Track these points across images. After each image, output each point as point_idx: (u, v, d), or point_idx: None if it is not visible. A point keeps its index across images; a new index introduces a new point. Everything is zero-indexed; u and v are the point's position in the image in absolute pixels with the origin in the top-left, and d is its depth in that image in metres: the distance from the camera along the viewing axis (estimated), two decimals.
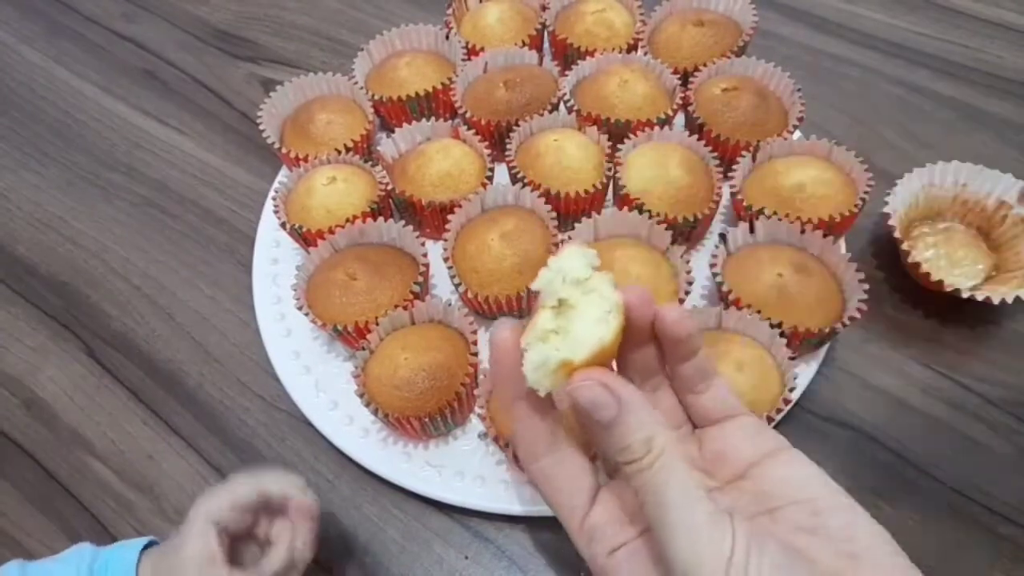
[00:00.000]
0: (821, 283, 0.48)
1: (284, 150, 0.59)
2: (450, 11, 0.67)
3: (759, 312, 0.46)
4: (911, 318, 0.53)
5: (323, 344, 0.53)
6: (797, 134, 0.57)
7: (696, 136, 0.56)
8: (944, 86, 0.67)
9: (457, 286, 0.51)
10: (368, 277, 0.50)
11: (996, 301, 0.48)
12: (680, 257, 0.50)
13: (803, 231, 0.49)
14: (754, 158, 0.54)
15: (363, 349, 0.47)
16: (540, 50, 0.66)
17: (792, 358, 0.44)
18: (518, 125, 0.57)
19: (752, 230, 0.51)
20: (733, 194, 0.54)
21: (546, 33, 0.67)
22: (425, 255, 0.52)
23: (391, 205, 0.58)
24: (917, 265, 0.50)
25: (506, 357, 0.28)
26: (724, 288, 0.48)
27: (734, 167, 0.54)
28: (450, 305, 0.49)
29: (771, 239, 0.51)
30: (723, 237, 0.50)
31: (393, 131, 0.59)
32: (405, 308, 0.49)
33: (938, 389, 0.50)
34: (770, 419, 0.43)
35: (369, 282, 0.49)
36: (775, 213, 0.51)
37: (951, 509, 0.45)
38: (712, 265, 0.49)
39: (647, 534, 0.28)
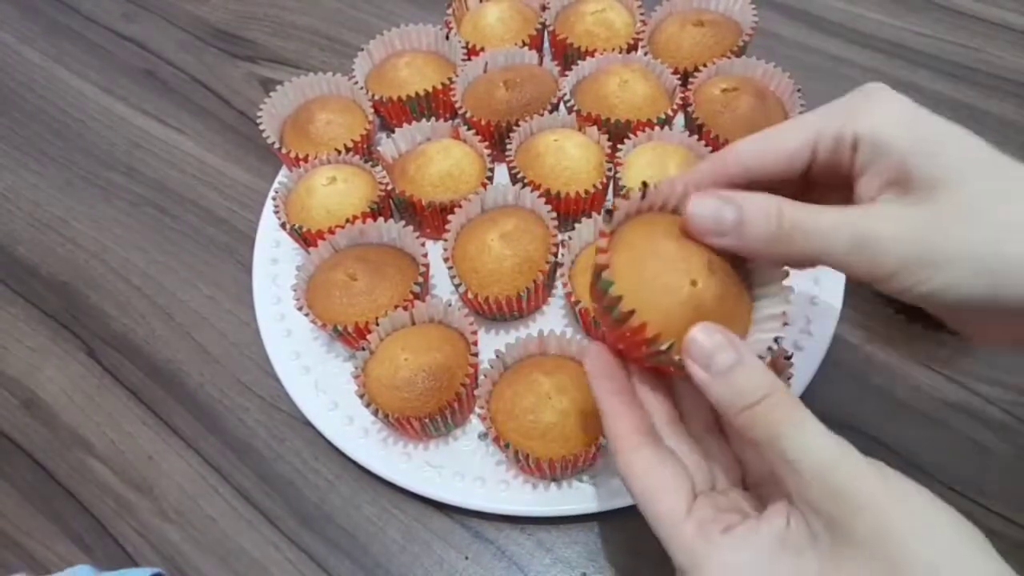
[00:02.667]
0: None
1: (284, 150, 0.59)
2: (450, 11, 0.67)
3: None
4: (912, 318, 0.53)
5: (323, 344, 0.53)
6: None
7: (696, 136, 0.56)
8: (944, 86, 0.67)
9: (457, 286, 0.51)
10: (368, 277, 0.50)
11: None
12: None
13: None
14: None
15: (363, 349, 0.47)
16: (540, 50, 0.66)
17: (787, 357, 0.44)
18: (518, 125, 0.57)
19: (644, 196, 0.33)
20: None
21: (546, 33, 0.67)
22: (425, 255, 0.52)
23: (391, 205, 0.58)
24: None
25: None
26: (611, 293, 0.30)
27: None
28: (450, 305, 0.49)
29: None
30: (609, 213, 0.32)
31: (393, 131, 0.59)
32: (405, 308, 0.49)
33: (938, 389, 0.50)
34: None
35: (369, 282, 0.49)
36: None
37: None
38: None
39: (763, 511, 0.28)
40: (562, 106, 0.60)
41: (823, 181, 0.31)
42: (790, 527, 0.26)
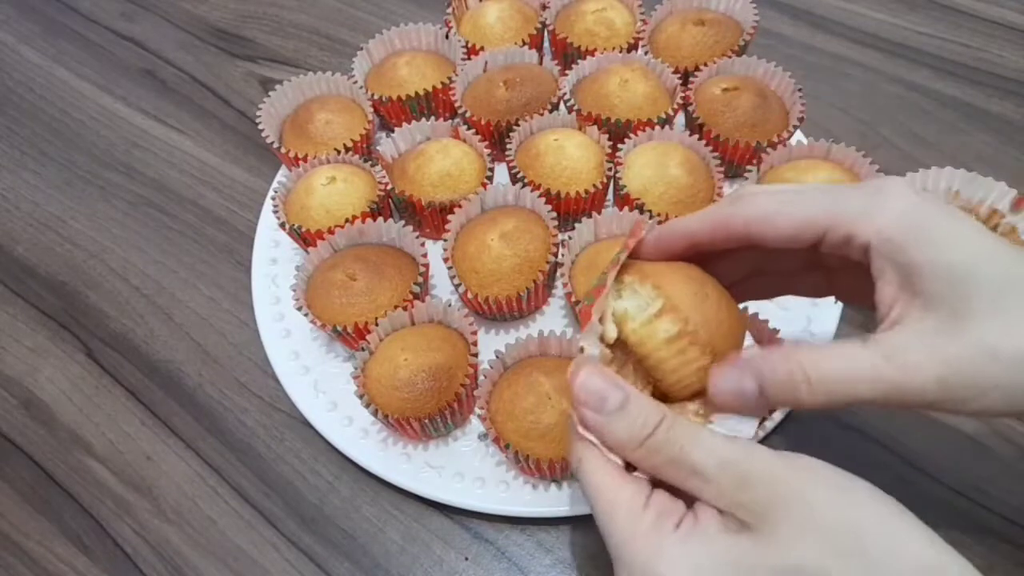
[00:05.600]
0: None
1: (283, 150, 0.59)
2: (450, 10, 0.67)
3: None
4: None
5: (322, 344, 0.53)
6: (798, 134, 0.57)
7: (696, 136, 0.56)
8: (945, 85, 0.67)
9: (457, 286, 0.51)
10: (368, 277, 0.49)
11: None
12: None
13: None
14: (759, 171, 0.54)
15: (362, 350, 0.47)
16: (540, 49, 0.66)
17: None
18: (518, 125, 0.57)
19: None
20: None
21: (546, 32, 0.67)
22: (425, 255, 0.52)
23: (391, 205, 0.58)
24: None
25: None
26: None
27: (736, 168, 0.54)
28: (450, 306, 0.49)
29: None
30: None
31: (393, 131, 0.59)
32: (405, 309, 0.49)
33: None
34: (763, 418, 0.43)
35: (369, 282, 0.49)
36: None
37: (951, 510, 0.45)
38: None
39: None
40: (562, 105, 0.60)
41: (831, 261, 0.31)
42: (723, 517, 0.27)
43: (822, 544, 0.25)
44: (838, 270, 0.34)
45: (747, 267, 0.35)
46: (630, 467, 0.30)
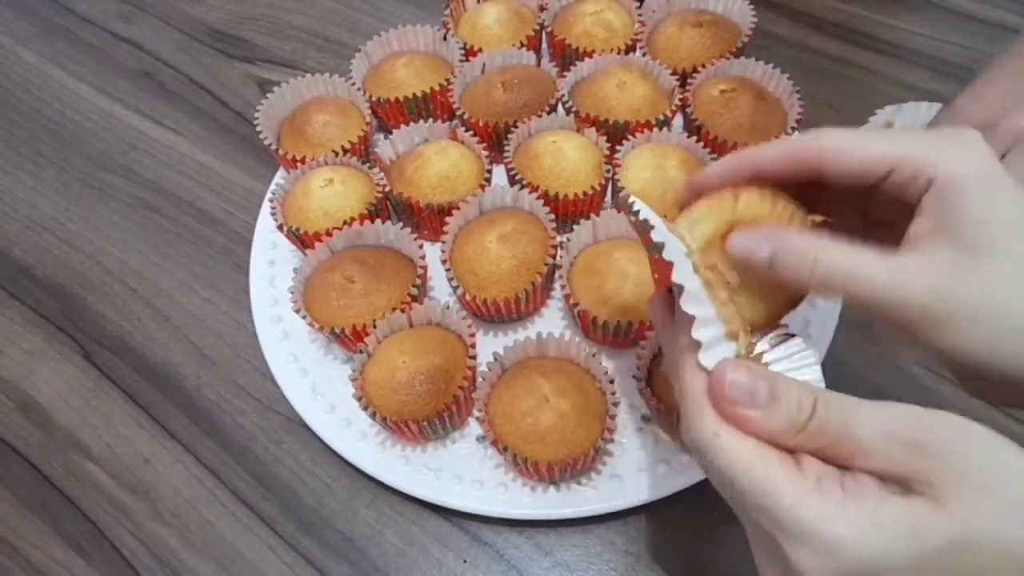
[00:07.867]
0: None
1: (281, 152, 0.58)
2: (448, 11, 0.67)
3: None
4: None
5: (320, 347, 0.53)
6: (796, 136, 0.57)
7: (695, 138, 0.56)
8: (943, 86, 0.67)
9: (455, 288, 0.51)
10: (366, 280, 0.49)
11: None
12: None
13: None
14: None
15: (361, 352, 0.47)
16: (538, 51, 0.66)
17: None
18: (516, 126, 0.57)
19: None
20: None
21: (544, 34, 0.67)
22: (423, 257, 0.51)
23: (389, 207, 0.58)
24: None
25: None
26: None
27: None
28: (448, 308, 0.49)
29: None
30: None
31: (391, 132, 0.59)
32: (403, 311, 0.49)
33: (938, 391, 0.50)
34: None
35: (367, 285, 0.49)
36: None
37: None
38: None
39: None
40: (560, 107, 0.60)
41: (885, 202, 0.31)
42: (885, 482, 0.26)
43: (1005, 515, 0.25)
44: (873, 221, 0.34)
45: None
46: None
